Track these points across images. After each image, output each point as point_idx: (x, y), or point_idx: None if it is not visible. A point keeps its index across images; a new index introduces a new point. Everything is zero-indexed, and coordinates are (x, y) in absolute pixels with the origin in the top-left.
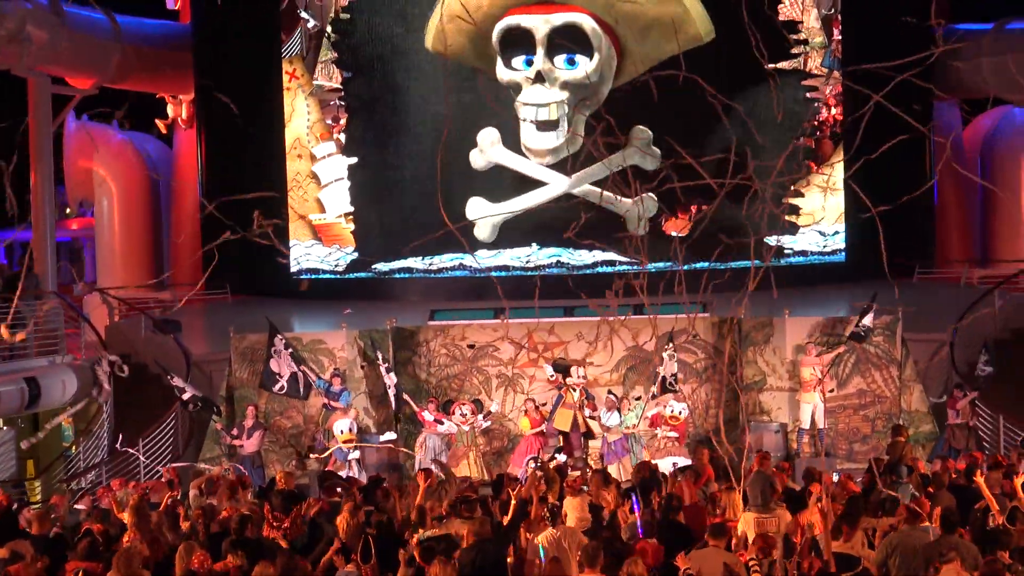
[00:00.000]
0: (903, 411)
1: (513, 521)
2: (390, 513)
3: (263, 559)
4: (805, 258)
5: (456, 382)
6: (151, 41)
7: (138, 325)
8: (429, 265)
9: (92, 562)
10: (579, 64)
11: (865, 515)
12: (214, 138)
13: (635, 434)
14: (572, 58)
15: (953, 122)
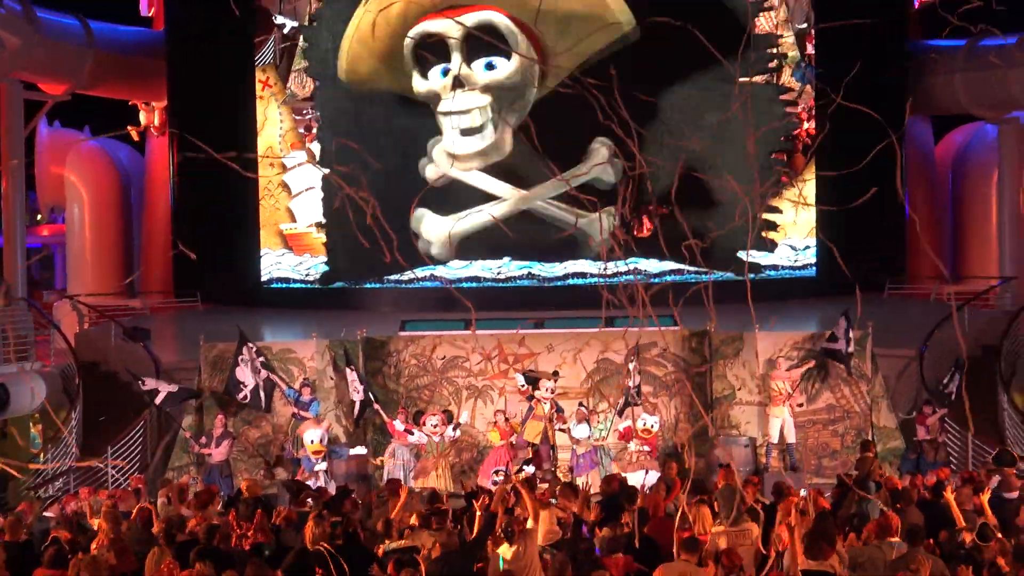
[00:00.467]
0: (872, 426)
1: (480, 534)
2: (357, 524)
3: (231, 568)
4: (776, 272)
5: (426, 393)
6: (124, 48)
7: (108, 332)
8: (400, 274)
9: (58, 570)
10: (498, 66)
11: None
12: (186, 146)
13: (604, 447)
14: (491, 62)
15: (925, 138)
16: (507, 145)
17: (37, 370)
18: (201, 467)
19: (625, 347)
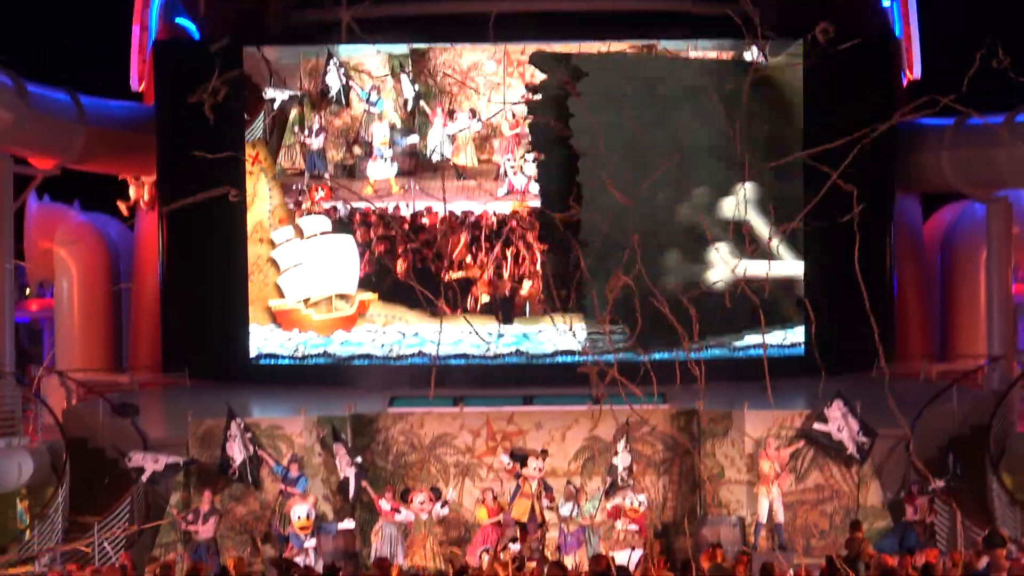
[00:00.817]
0: (860, 506)
1: None
2: None
3: None
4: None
5: (414, 470)
6: (115, 122)
7: (96, 408)
8: (388, 352)
9: None
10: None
11: None
12: (176, 221)
13: (592, 525)
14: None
15: (914, 216)
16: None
17: (24, 446)
18: (188, 544)
19: (615, 424)
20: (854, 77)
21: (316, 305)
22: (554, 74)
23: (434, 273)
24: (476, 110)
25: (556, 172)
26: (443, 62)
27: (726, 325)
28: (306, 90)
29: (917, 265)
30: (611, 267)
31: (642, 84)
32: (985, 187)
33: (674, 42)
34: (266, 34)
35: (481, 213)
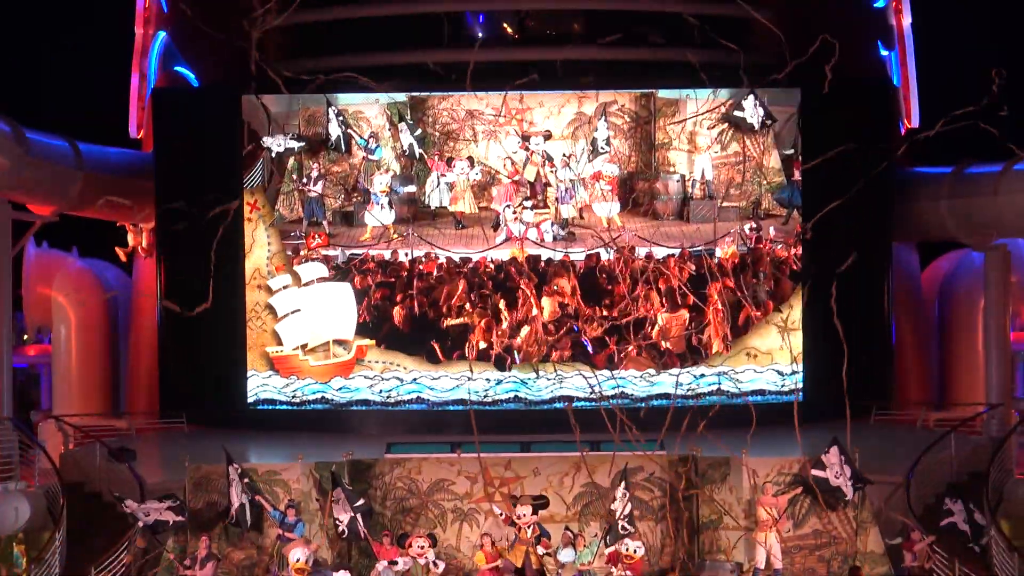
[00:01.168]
0: (859, 552)
1: None
2: None
3: None
4: (763, 397)
5: (411, 516)
6: (113, 169)
7: (93, 453)
8: (386, 398)
9: None
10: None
11: None
12: (174, 268)
13: (591, 571)
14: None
15: (912, 264)
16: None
17: (21, 490)
18: None
19: (612, 471)
20: (852, 124)
21: (314, 351)
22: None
23: (432, 320)
24: (474, 158)
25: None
26: (442, 110)
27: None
28: (305, 138)
29: (915, 313)
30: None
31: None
32: (983, 236)
33: (672, 91)
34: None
35: (479, 260)
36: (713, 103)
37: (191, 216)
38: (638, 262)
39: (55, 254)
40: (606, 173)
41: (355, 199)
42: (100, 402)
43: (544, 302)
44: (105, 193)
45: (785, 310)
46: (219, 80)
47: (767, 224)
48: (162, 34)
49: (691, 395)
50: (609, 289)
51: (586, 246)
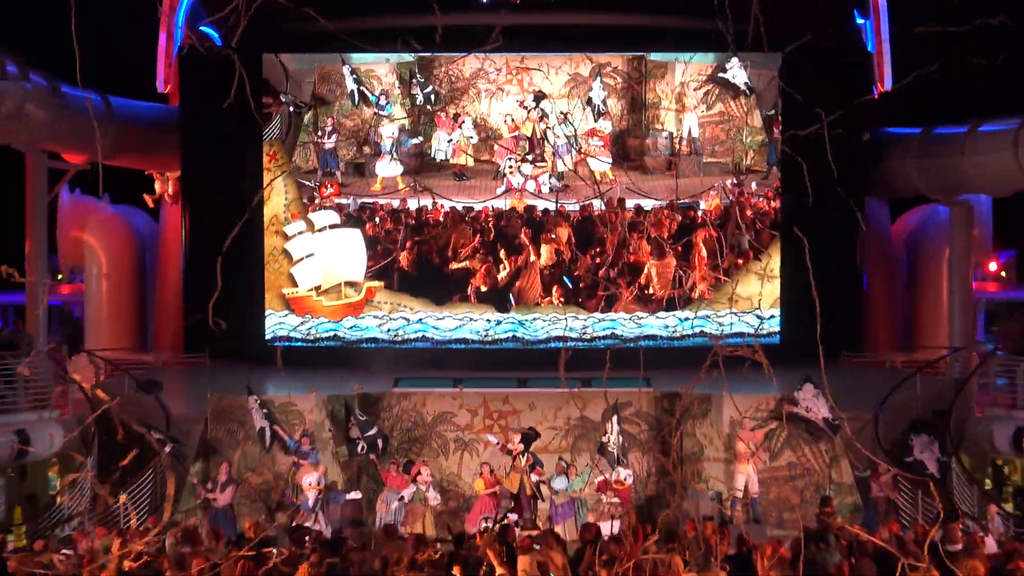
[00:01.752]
0: (831, 483)
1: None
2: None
3: None
4: (742, 339)
5: (417, 445)
6: (141, 121)
7: (122, 384)
8: (394, 336)
9: None
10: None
11: None
12: (198, 214)
13: (582, 498)
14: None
15: (882, 218)
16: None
17: (55, 418)
18: (207, 511)
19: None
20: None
21: (326, 292)
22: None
23: (437, 264)
24: (478, 118)
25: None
26: (446, 71)
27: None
28: (320, 94)
29: (885, 263)
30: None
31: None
32: (949, 192)
33: (662, 55)
34: (283, 40)
35: (481, 209)
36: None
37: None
38: (628, 213)
39: (88, 200)
40: (600, 130)
41: (366, 152)
42: (129, 338)
43: (542, 249)
44: (135, 143)
45: (765, 259)
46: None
47: (749, 179)
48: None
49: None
50: (602, 237)
51: (579, 198)
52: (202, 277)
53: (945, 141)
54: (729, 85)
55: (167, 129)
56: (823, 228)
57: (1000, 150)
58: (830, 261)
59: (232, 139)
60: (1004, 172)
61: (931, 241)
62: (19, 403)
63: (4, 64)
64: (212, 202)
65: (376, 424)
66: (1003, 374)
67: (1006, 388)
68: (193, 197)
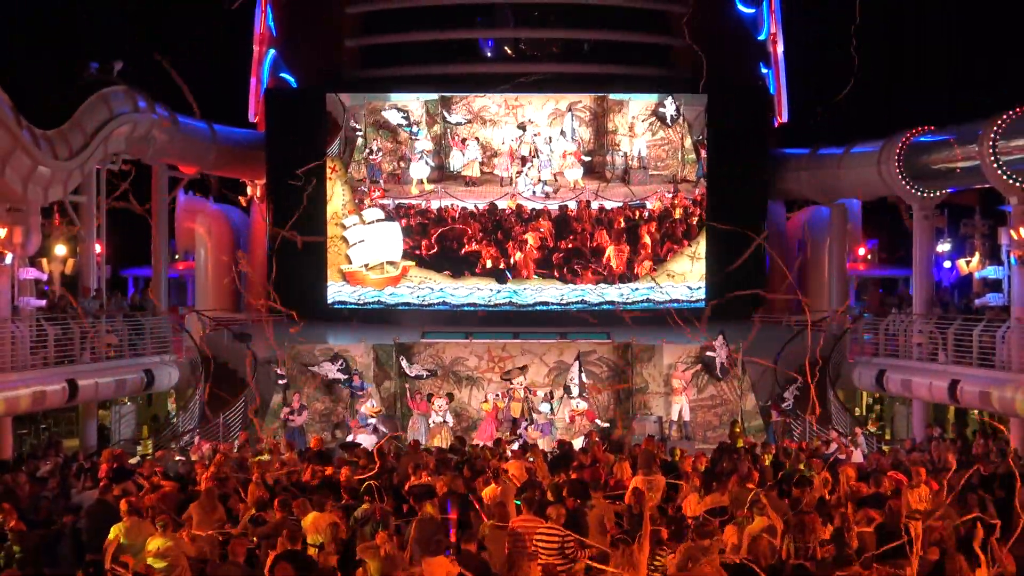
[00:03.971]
0: (742, 410)
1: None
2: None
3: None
4: (678, 304)
5: (437, 381)
6: (237, 142)
7: (222, 336)
8: (422, 301)
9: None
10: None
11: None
12: (279, 210)
13: (554, 420)
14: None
15: (780, 215)
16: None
17: (173, 361)
18: (285, 429)
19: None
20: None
21: (373, 269)
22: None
23: (454, 249)
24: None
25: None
26: (462, 104)
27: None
28: (370, 124)
29: (782, 248)
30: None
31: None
32: (829, 196)
33: (619, 95)
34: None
35: (486, 207)
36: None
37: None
38: (593, 211)
39: (198, 200)
40: (570, 152)
41: (402, 165)
42: (227, 301)
43: (529, 236)
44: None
45: (694, 245)
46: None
47: (683, 188)
48: (271, 51)
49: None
50: (574, 229)
51: (558, 199)
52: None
53: (827, 158)
54: (664, 118)
55: (256, 148)
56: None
57: (867, 166)
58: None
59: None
60: (870, 182)
61: (816, 232)
62: (146, 349)
63: (137, 100)
64: (288, 202)
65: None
66: (868, 330)
67: (870, 341)
68: (275, 198)
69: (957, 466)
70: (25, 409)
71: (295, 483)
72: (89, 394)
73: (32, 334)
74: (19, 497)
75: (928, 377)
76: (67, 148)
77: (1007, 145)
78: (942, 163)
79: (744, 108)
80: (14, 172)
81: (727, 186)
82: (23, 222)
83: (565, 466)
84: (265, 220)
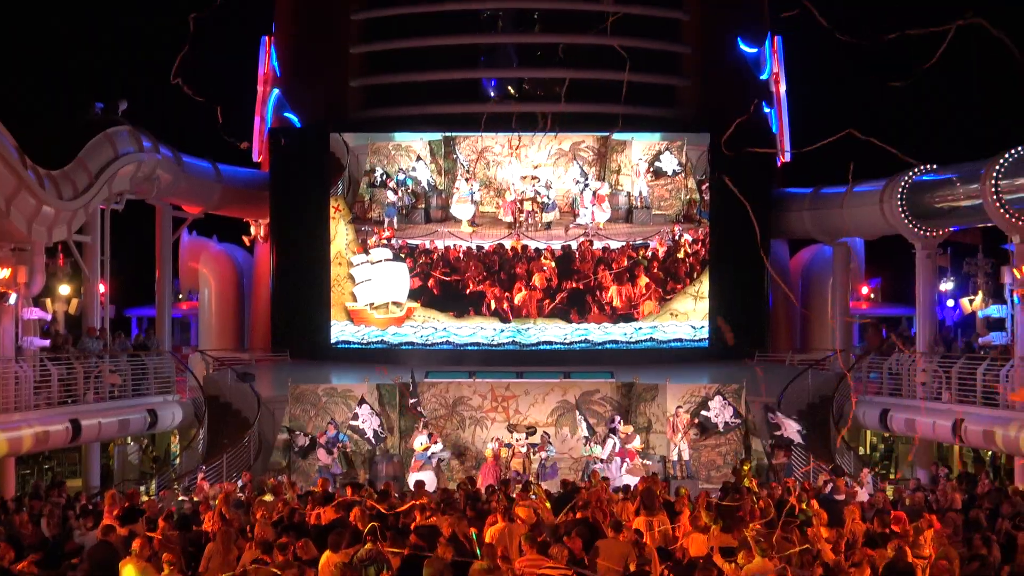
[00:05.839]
0: (746, 449)
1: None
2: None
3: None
4: (681, 343)
5: (441, 421)
6: (241, 182)
7: (225, 376)
8: (425, 341)
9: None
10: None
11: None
12: (282, 250)
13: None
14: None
15: (783, 254)
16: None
17: (176, 401)
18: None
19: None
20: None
21: (378, 308)
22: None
23: (458, 289)
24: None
25: None
26: (465, 145)
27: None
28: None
29: (786, 287)
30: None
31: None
32: (832, 235)
33: (622, 135)
34: (345, 124)
35: (490, 247)
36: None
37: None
38: (597, 251)
39: (201, 239)
40: (602, 193)
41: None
42: (230, 341)
43: (535, 278)
44: (236, 197)
45: (697, 285)
46: (315, 122)
47: (686, 227)
48: (275, 91)
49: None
50: (577, 268)
51: (561, 238)
52: (285, 295)
53: (829, 198)
54: (661, 171)
55: (260, 188)
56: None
57: (869, 204)
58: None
59: (307, 195)
60: (872, 221)
61: (819, 271)
62: (150, 389)
63: (141, 140)
64: (292, 241)
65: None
66: (871, 370)
67: (874, 380)
68: (278, 238)
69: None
70: (28, 449)
71: (298, 523)
72: (92, 434)
73: (36, 374)
74: (22, 536)
75: (932, 416)
76: (72, 188)
77: (1010, 184)
78: (945, 202)
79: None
80: (19, 212)
81: (730, 225)
82: (27, 262)
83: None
84: (269, 260)
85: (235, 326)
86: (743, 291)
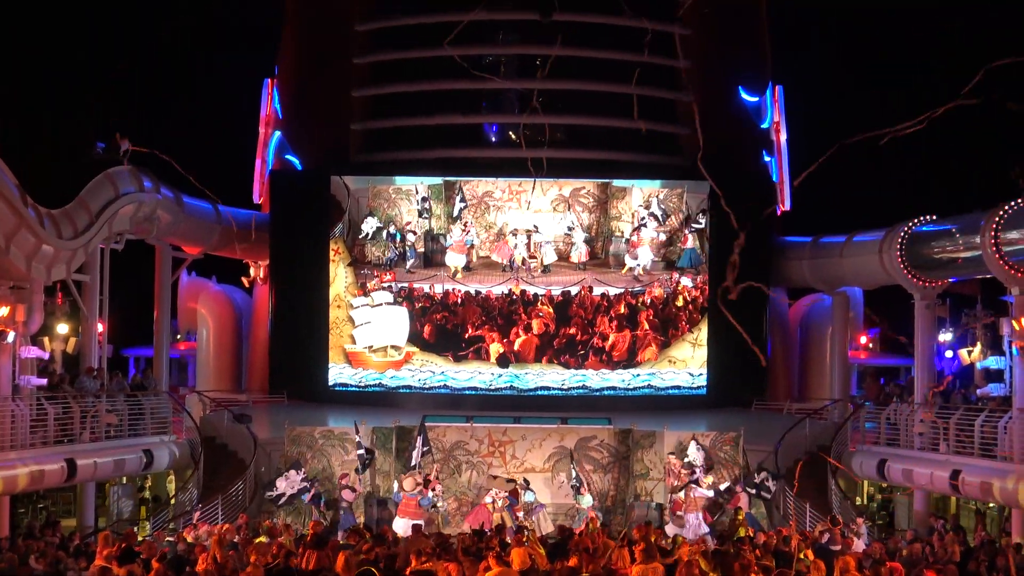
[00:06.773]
0: None
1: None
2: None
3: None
4: (679, 390)
5: (438, 465)
6: (241, 223)
7: (222, 417)
8: (423, 384)
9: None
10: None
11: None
12: (281, 292)
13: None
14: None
15: (782, 303)
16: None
17: (172, 441)
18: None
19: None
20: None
21: (376, 351)
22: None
23: (456, 333)
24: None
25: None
26: (466, 189)
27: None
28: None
29: (784, 335)
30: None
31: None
32: (831, 284)
33: (623, 181)
34: (346, 167)
35: (487, 292)
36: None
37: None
38: (595, 297)
39: (200, 280)
40: (645, 239)
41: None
42: (228, 382)
43: (533, 323)
44: (235, 238)
45: (696, 332)
46: (316, 165)
47: (686, 274)
48: (277, 133)
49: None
50: (576, 314)
51: (561, 283)
52: (283, 337)
53: (829, 247)
54: (654, 216)
55: (260, 229)
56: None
57: (869, 254)
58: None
59: (306, 237)
60: (872, 271)
61: (818, 320)
62: (146, 429)
63: (142, 180)
64: (291, 283)
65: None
66: (869, 419)
67: (872, 430)
68: (278, 279)
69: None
70: (23, 488)
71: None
72: (88, 473)
73: (32, 412)
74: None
75: (929, 467)
76: (72, 227)
77: (1009, 236)
78: (944, 253)
79: (747, 198)
80: (19, 250)
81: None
82: (26, 300)
83: (564, 553)
84: (268, 301)
85: (233, 367)
86: (742, 339)
